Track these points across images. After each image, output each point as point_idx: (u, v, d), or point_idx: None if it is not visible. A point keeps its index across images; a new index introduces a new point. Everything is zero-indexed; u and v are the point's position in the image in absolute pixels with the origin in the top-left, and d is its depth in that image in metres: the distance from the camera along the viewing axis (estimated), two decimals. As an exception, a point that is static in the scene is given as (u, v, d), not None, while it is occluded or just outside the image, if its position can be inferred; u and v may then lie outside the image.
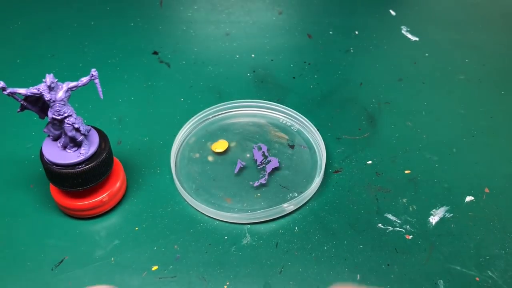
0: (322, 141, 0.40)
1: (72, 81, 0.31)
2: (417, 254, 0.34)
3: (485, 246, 0.34)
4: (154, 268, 0.33)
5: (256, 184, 0.38)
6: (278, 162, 0.39)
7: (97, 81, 0.32)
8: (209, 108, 0.43)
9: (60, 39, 0.53)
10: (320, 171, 0.38)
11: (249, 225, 0.35)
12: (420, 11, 0.60)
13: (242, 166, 0.39)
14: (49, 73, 0.30)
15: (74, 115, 0.32)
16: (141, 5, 0.58)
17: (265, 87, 0.47)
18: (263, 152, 0.40)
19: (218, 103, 0.43)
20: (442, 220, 0.36)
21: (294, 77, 0.48)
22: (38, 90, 0.30)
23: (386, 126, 0.43)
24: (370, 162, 0.40)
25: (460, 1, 0.61)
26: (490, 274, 0.33)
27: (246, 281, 0.32)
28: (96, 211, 0.35)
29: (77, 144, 0.33)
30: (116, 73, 0.49)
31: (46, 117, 0.32)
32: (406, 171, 0.39)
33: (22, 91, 0.30)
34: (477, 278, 0.32)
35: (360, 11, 0.59)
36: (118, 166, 0.37)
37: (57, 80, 0.30)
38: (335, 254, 0.34)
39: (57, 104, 0.31)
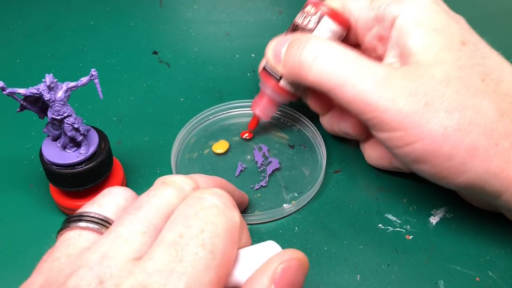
0: (323, 141, 0.40)
1: (71, 81, 0.31)
2: (418, 254, 0.34)
3: (485, 246, 0.34)
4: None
5: (257, 187, 0.38)
6: (279, 162, 0.39)
7: (96, 81, 0.32)
8: (210, 109, 0.43)
9: (59, 39, 0.53)
10: (320, 171, 0.38)
11: (249, 226, 0.35)
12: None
13: (242, 169, 0.39)
14: (48, 73, 0.30)
15: (74, 115, 0.32)
16: (141, 5, 0.58)
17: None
18: (264, 153, 0.40)
19: (218, 103, 0.43)
20: (442, 220, 0.36)
21: (294, 77, 0.48)
22: (38, 90, 0.30)
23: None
24: (370, 162, 0.40)
25: (460, 1, 0.61)
26: (491, 274, 0.33)
27: (246, 281, 0.32)
28: (96, 211, 0.35)
29: (77, 144, 0.33)
30: (116, 73, 0.49)
31: (45, 117, 0.32)
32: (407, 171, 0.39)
33: (22, 91, 0.30)
34: (477, 278, 0.32)
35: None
36: (118, 166, 0.37)
37: (56, 80, 0.30)
38: (335, 254, 0.34)
39: (57, 104, 0.31)
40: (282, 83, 0.37)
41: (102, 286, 0.19)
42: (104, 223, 0.23)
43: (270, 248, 0.24)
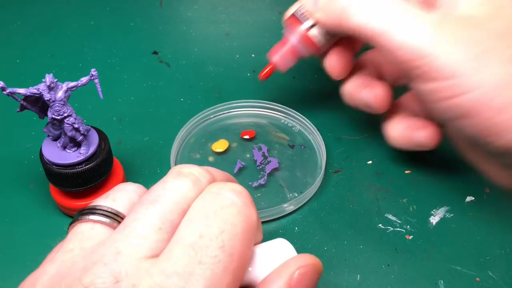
0: (322, 141, 0.40)
1: (71, 81, 0.31)
2: (418, 254, 0.34)
3: (485, 246, 0.34)
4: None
5: (255, 184, 0.38)
6: (278, 162, 0.39)
7: (96, 81, 0.32)
8: (210, 108, 0.43)
9: (59, 39, 0.53)
10: (320, 171, 0.38)
11: (249, 225, 0.35)
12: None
13: (241, 166, 0.39)
14: (48, 73, 0.30)
15: (74, 115, 0.32)
16: (141, 5, 0.58)
17: (265, 87, 0.47)
18: (263, 152, 0.40)
19: (218, 103, 0.43)
20: (442, 220, 0.36)
21: (294, 77, 0.48)
22: (38, 90, 0.30)
23: (386, 126, 0.43)
24: (370, 162, 0.40)
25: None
26: (491, 274, 0.33)
27: (246, 281, 0.32)
28: (96, 211, 0.35)
29: (77, 144, 0.33)
30: (116, 73, 0.49)
31: (45, 117, 0.32)
32: (406, 171, 0.39)
33: (22, 91, 0.30)
34: (477, 278, 0.32)
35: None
36: (118, 166, 0.37)
37: (56, 80, 0.30)
38: (335, 254, 0.34)
39: (57, 104, 0.31)
40: (313, 31, 0.35)
41: (118, 285, 0.18)
42: (116, 217, 0.22)
43: (283, 246, 0.24)
